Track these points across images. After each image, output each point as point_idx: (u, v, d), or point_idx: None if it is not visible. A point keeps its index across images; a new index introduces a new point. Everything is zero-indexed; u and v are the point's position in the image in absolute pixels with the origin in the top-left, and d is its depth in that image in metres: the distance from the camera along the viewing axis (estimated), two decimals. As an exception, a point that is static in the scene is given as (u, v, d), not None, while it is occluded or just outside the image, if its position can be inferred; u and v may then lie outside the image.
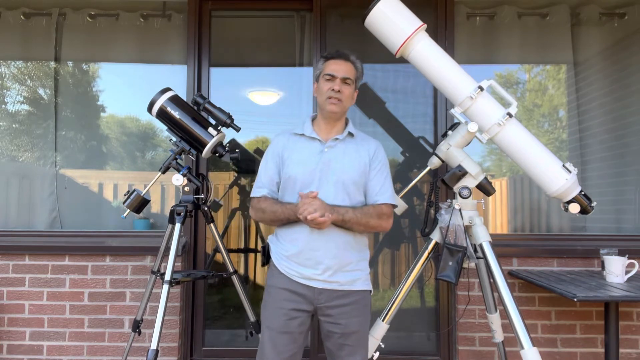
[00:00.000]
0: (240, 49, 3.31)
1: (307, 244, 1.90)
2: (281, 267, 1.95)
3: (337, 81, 1.94)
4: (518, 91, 3.34)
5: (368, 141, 2.05)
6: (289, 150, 1.99)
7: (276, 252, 2.00)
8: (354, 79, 2.00)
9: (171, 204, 2.81)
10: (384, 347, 2.39)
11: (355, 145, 2.01)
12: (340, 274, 1.91)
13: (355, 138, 2.03)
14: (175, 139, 2.45)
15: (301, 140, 2.00)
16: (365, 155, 2.00)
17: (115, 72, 3.33)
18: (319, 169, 1.93)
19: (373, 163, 2.00)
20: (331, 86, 1.94)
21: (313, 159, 1.95)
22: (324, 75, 1.98)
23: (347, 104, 1.99)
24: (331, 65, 1.97)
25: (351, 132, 2.02)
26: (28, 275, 2.94)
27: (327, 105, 1.95)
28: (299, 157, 1.97)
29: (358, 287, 1.95)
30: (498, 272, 2.20)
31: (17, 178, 3.25)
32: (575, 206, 2.24)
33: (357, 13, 2.38)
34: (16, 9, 3.26)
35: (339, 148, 1.98)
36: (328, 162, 1.94)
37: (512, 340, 2.71)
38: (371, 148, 2.02)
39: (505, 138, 2.22)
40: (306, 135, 2.00)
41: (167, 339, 2.93)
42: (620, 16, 3.26)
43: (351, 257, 1.94)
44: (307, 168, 1.93)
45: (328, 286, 1.90)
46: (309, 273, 1.90)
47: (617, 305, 2.31)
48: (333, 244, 1.90)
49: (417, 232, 3.18)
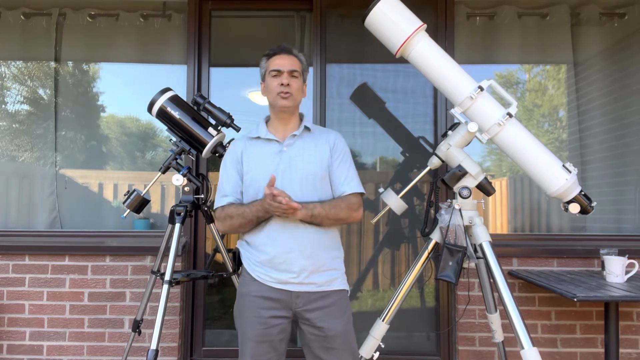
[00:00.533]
0: (240, 49, 3.31)
1: (279, 247, 1.84)
2: (254, 274, 1.87)
3: (284, 75, 1.91)
4: (518, 91, 3.34)
5: (327, 133, 2.01)
6: (247, 156, 1.93)
7: (248, 258, 1.92)
8: (300, 71, 1.96)
9: (171, 204, 2.81)
10: (384, 347, 2.39)
11: (314, 139, 1.96)
12: (317, 275, 1.85)
13: (313, 132, 1.98)
14: (175, 139, 2.45)
15: (258, 144, 1.95)
16: (326, 148, 1.95)
17: (115, 72, 3.33)
18: (281, 169, 1.88)
19: (334, 154, 1.95)
20: (279, 81, 1.90)
21: (273, 160, 1.90)
22: (269, 72, 1.94)
23: (298, 97, 1.95)
24: (275, 61, 1.94)
25: (307, 127, 1.97)
26: (28, 275, 2.94)
27: (278, 101, 1.91)
28: (258, 160, 1.91)
29: (336, 287, 1.89)
30: (498, 272, 2.20)
31: (17, 178, 3.25)
32: (575, 206, 2.24)
33: (357, 13, 2.39)
34: (16, 9, 3.26)
35: (297, 145, 1.93)
36: (289, 160, 1.90)
37: (512, 340, 2.71)
38: (330, 139, 1.97)
39: (505, 138, 2.22)
40: (262, 137, 1.94)
41: (167, 339, 2.93)
42: (620, 16, 3.26)
43: (326, 256, 1.89)
44: (269, 170, 1.87)
45: (305, 288, 1.84)
46: (284, 277, 1.83)
47: (617, 305, 2.31)
48: (307, 244, 1.84)
49: (417, 232, 3.18)
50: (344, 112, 3.20)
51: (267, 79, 1.95)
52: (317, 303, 1.85)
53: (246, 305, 1.87)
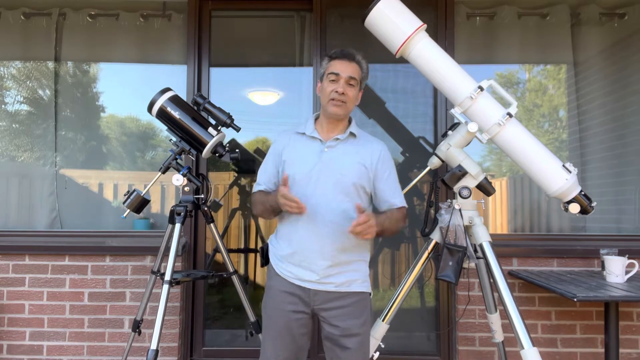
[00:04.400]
0: (240, 49, 3.31)
1: (301, 244, 1.88)
2: (277, 269, 1.94)
3: (341, 82, 1.89)
4: (518, 91, 3.34)
5: (372, 142, 2.00)
6: (289, 149, 1.97)
7: (273, 253, 1.99)
8: (359, 79, 1.94)
9: (171, 204, 2.81)
10: (384, 347, 2.39)
11: (357, 146, 1.96)
12: (336, 276, 1.87)
13: (358, 138, 1.98)
14: (175, 139, 2.45)
15: (302, 140, 1.97)
16: (367, 157, 1.94)
17: (116, 72, 3.33)
18: (318, 168, 1.89)
19: (382, 166, 1.96)
20: (335, 87, 1.89)
21: (312, 158, 1.91)
22: (328, 75, 1.92)
23: (351, 105, 1.94)
24: (336, 65, 1.91)
25: (353, 133, 1.96)
26: (28, 275, 2.94)
27: (329, 107, 1.91)
28: (298, 156, 1.94)
29: (355, 289, 1.90)
30: (498, 272, 2.20)
31: (17, 178, 3.25)
32: (575, 206, 2.24)
33: (357, 13, 2.38)
34: (16, 9, 3.26)
35: (339, 148, 1.93)
36: (327, 162, 1.90)
37: (512, 340, 2.71)
38: (375, 150, 1.97)
39: (505, 138, 2.22)
40: (307, 134, 1.96)
41: (167, 339, 2.93)
42: (620, 16, 3.26)
43: (347, 258, 1.90)
44: (306, 167, 1.90)
45: (322, 287, 1.87)
46: (302, 274, 1.88)
47: (617, 305, 2.31)
48: (328, 244, 1.86)
49: (417, 232, 3.18)
50: (344, 112, 3.20)
51: (325, 81, 1.95)
52: (335, 302, 1.88)
53: (270, 298, 1.94)
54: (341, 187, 1.88)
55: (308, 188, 1.88)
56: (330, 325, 1.88)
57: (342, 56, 1.93)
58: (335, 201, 1.87)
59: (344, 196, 1.88)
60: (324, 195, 1.86)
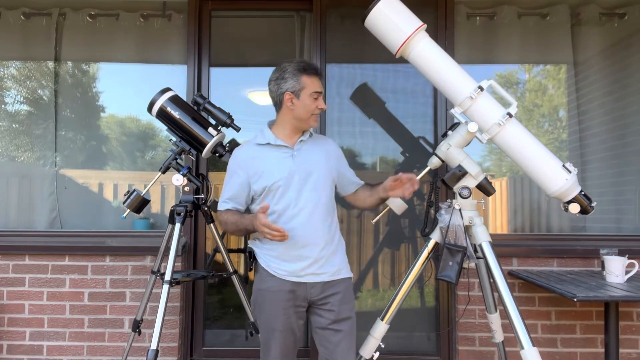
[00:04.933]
0: (240, 49, 3.31)
1: (294, 241, 1.94)
2: (271, 269, 1.99)
3: (320, 99, 2.02)
4: (518, 91, 3.34)
5: (324, 139, 2.21)
6: (257, 162, 2.01)
7: (263, 254, 2.03)
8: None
9: (171, 204, 2.81)
10: (384, 347, 2.39)
11: (315, 143, 2.11)
12: (327, 266, 1.99)
13: (312, 137, 2.13)
14: (175, 139, 2.45)
15: (267, 149, 2.03)
16: (330, 154, 2.12)
17: (116, 72, 3.33)
18: (295, 171, 1.99)
19: (339, 155, 2.17)
20: (318, 104, 2.01)
21: (287, 164, 2.00)
22: (310, 93, 1.99)
23: None
24: (314, 82, 2.01)
25: (310, 132, 2.11)
26: (28, 275, 2.94)
27: (311, 121, 2.03)
28: (271, 165, 2.00)
29: (343, 276, 2.05)
30: (498, 272, 2.20)
31: (17, 178, 3.25)
32: (575, 206, 2.24)
33: (357, 13, 2.38)
34: (16, 9, 3.26)
35: (305, 149, 2.06)
36: (301, 164, 2.01)
37: (512, 340, 2.70)
38: (329, 143, 2.18)
39: (505, 138, 2.22)
40: (272, 143, 2.03)
41: (167, 339, 2.93)
42: (620, 16, 3.26)
43: (333, 248, 2.03)
44: (283, 173, 1.98)
45: (318, 279, 1.98)
46: (298, 270, 1.96)
47: (617, 305, 2.32)
48: (321, 237, 1.99)
49: (417, 232, 3.18)
50: (344, 112, 3.20)
51: (304, 97, 2.00)
52: (330, 290, 2.00)
53: (267, 300, 1.99)
54: (317, 183, 2.02)
55: (290, 192, 1.98)
56: (327, 311, 1.99)
57: (317, 72, 2.04)
58: (317, 197, 2.00)
59: (321, 191, 2.03)
60: (307, 194, 1.99)
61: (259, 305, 2.02)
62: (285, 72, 2.00)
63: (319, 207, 2.00)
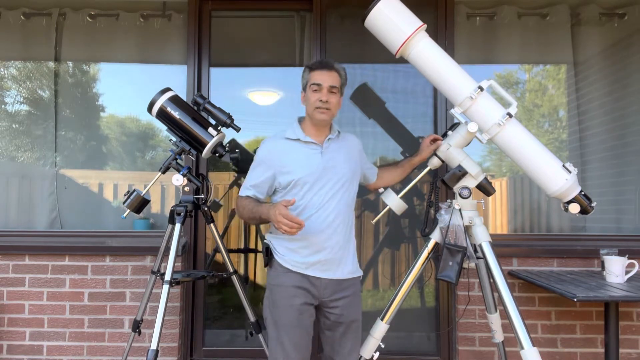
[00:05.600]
0: (240, 49, 3.31)
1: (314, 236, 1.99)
2: (287, 264, 2.02)
3: (324, 91, 2.04)
4: (518, 91, 3.34)
5: (350, 137, 2.25)
6: (285, 156, 2.06)
7: (280, 247, 2.06)
8: (339, 86, 2.10)
9: (171, 204, 2.81)
10: (384, 347, 2.39)
11: (342, 141, 2.17)
12: (344, 263, 2.05)
13: (339, 135, 2.18)
14: (175, 139, 2.45)
15: (297, 145, 2.08)
16: (354, 150, 2.20)
17: (115, 72, 3.33)
18: (323, 168, 2.04)
19: (361, 152, 2.27)
20: (319, 97, 2.03)
21: (315, 160, 2.05)
22: (310, 86, 2.06)
23: (335, 111, 2.11)
24: (317, 76, 2.06)
25: (338, 131, 2.18)
26: (28, 275, 2.94)
27: (316, 114, 2.05)
28: (300, 160, 2.05)
29: (356, 274, 2.11)
30: (498, 272, 2.20)
31: (17, 178, 3.25)
32: (575, 206, 2.24)
33: (357, 13, 2.38)
34: (16, 9, 3.26)
35: (332, 147, 2.11)
36: (329, 161, 2.06)
37: (512, 340, 2.71)
38: (356, 143, 2.25)
39: (505, 138, 2.22)
40: (301, 140, 2.07)
41: (167, 339, 2.93)
42: (620, 16, 3.26)
43: (351, 246, 2.10)
44: (312, 169, 2.02)
45: (333, 276, 2.02)
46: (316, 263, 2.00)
47: (617, 305, 2.32)
48: (341, 234, 2.04)
49: (417, 232, 3.18)
50: (344, 112, 3.19)
51: (308, 91, 2.09)
52: (342, 293, 2.04)
53: (280, 296, 2.01)
54: (342, 181, 2.07)
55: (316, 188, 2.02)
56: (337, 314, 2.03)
57: (322, 67, 2.08)
58: (340, 195, 2.06)
59: (346, 189, 2.08)
60: (332, 190, 2.03)
61: (271, 301, 2.04)
62: (303, 71, 2.13)
63: (341, 205, 2.05)
